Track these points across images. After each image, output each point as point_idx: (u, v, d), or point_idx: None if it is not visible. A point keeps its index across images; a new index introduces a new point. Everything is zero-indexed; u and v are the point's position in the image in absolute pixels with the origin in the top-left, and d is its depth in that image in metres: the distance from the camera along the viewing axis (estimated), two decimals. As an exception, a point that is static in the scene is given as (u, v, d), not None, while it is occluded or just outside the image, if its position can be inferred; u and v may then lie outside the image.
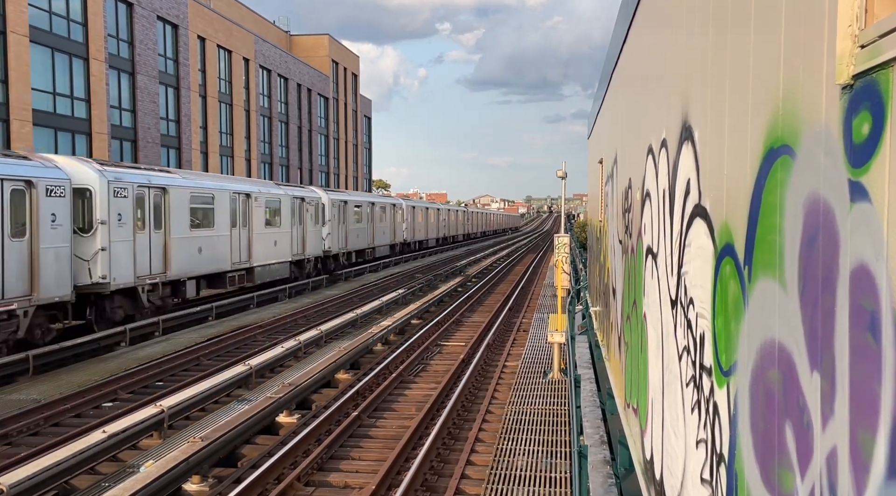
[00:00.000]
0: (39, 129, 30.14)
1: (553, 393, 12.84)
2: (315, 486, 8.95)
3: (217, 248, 23.27)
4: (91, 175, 17.68)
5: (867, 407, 1.42)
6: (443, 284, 30.93)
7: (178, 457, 8.81)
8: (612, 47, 8.24)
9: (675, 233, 3.74)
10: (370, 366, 15.46)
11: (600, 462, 7.59)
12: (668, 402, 3.91)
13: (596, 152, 12.87)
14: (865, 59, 1.46)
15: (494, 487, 8.60)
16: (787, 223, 1.92)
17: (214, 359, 16.38)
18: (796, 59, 1.89)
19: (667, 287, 4.00)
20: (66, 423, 11.61)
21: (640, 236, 5.37)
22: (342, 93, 69.69)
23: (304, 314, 22.51)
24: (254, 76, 50.12)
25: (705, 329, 2.93)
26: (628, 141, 6.78)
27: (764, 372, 2.12)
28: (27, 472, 8.17)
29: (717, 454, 2.72)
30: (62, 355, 15.73)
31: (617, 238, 7.86)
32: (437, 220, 61.47)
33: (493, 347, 17.31)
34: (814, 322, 1.73)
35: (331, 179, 65.70)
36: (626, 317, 6.54)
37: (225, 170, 46.41)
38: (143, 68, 37.50)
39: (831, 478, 1.60)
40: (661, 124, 4.32)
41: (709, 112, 2.98)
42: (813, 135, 1.76)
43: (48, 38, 30.74)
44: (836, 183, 1.59)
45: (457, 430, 11.06)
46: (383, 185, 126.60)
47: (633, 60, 6.41)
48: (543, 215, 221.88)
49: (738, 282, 2.41)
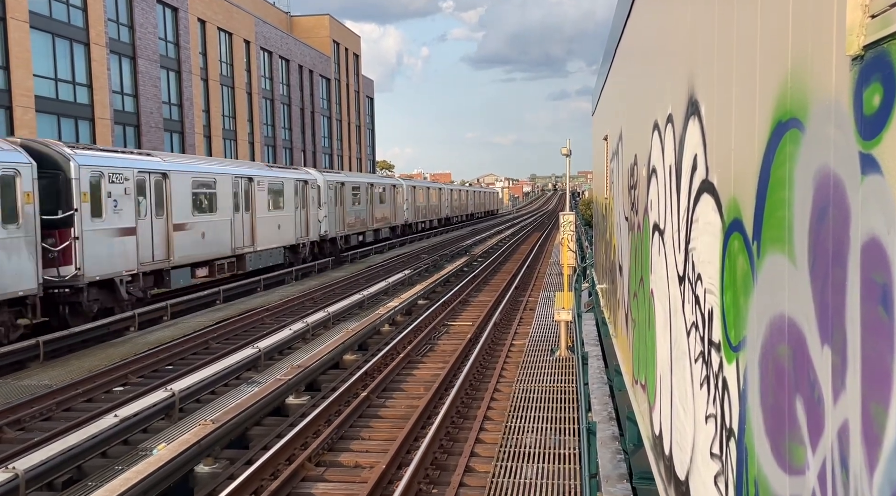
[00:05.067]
0: (42, 115, 30.11)
1: (561, 370, 12.89)
2: (326, 467, 9.03)
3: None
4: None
5: (879, 380, 1.41)
6: (449, 264, 30.95)
7: (190, 439, 8.89)
8: (616, 21, 8.15)
9: (682, 209, 3.72)
10: (378, 347, 15.53)
11: (609, 438, 7.63)
12: (677, 378, 3.92)
13: (601, 129, 12.79)
14: (876, 29, 1.44)
15: (504, 464, 8.66)
16: (797, 197, 1.91)
17: (223, 342, 16.46)
18: (805, 30, 1.86)
19: (674, 263, 3.98)
20: (77, 408, 11.71)
21: (647, 213, 5.35)
22: (344, 74, 69.34)
23: (310, 296, 22.58)
24: (255, 58, 49.88)
25: (714, 305, 2.92)
26: (633, 117, 6.73)
27: (774, 347, 2.11)
28: (41, 457, 8.27)
29: (727, 429, 2.72)
30: (72, 341, 15.84)
31: (623, 215, 7.83)
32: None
33: (500, 326, 17.35)
34: (824, 296, 1.72)
35: (334, 161, 65.58)
36: (633, 293, 6.54)
37: (228, 153, 46.37)
38: (144, 52, 37.34)
39: (843, 452, 1.60)
40: (666, 99, 4.28)
41: (715, 86, 2.94)
42: (822, 107, 1.74)
43: (48, 23, 30.60)
44: (847, 156, 1.57)
45: (465, 409, 11.12)
46: (387, 165, 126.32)
47: (637, 34, 6.34)
48: (548, 193, 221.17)
49: (747, 258, 2.40)
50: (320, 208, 31.87)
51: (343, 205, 35.22)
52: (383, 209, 42.98)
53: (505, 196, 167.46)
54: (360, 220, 38.23)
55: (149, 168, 19.75)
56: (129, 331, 17.58)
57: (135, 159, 19.71)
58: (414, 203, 51.55)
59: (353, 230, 36.79)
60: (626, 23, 7.11)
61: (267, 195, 26.74)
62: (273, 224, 27.17)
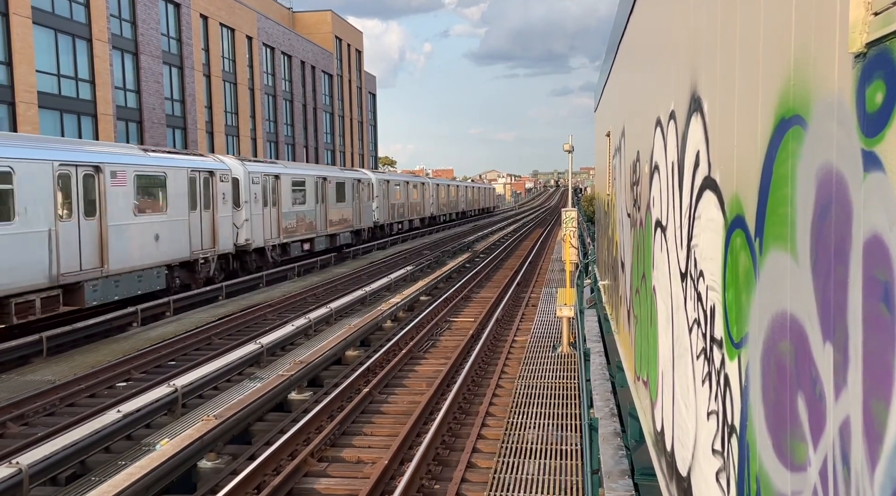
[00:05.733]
0: (45, 111, 30.13)
1: (562, 367, 12.89)
2: (328, 462, 9.05)
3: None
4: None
5: (881, 377, 1.42)
6: (451, 260, 30.97)
7: (193, 435, 8.92)
8: (619, 18, 8.14)
9: (684, 205, 3.72)
10: (380, 343, 15.55)
11: (611, 434, 7.64)
12: (679, 375, 3.92)
13: (603, 125, 12.78)
14: (879, 26, 1.44)
15: (506, 460, 8.68)
16: (799, 194, 1.91)
17: (226, 338, 16.50)
18: (808, 27, 1.86)
19: (676, 260, 3.99)
20: (81, 403, 11.74)
21: (649, 209, 5.35)
22: (346, 69, 69.29)
23: (313, 292, 22.60)
24: (257, 54, 49.86)
25: (716, 301, 2.93)
26: (636, 113, 6.73)
27: (776, 343, 2.12)
28: (44, 452, 8.29)
29: (729, 425, 2.73)
30: (75, 336, 15.88)
31: (625, 211, 7.83)
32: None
33: (502, 322, 17.36)
34: (826, 293, 1.72)
35: (336, 157, 65.57)
36: (636, 290, 6.54)
37: (231, 149, 46.38)
38: (147, 48, 37.33)
39: (844, 448, 1.60)
40: (669, 96, 4.28)
41: (718, 83, 2.94)
42: (825, 104, 1.74)
43: (51, 19, 30.60)
44: (850, 153, 1.58)
45: (467, 405, 11.13)
46: (389, 162, 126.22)
47: (640, 31, 6.34)
48: (550, 189, 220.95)
49: (749, 255, 2.40)
50: (240, 209, 24.48)
51: (279, 205, 27.45)
52: (341, 210, 33.95)
53: (507, 192, 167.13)
54: (307, 224, 29.97)
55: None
56: (131, 326, 17.61)
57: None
58: (387, 200, 43.28)
59: (292, 237, 28.45)
60: (628, 19, 7.10)
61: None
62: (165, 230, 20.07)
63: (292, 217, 28.50)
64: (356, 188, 36.60)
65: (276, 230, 27.19)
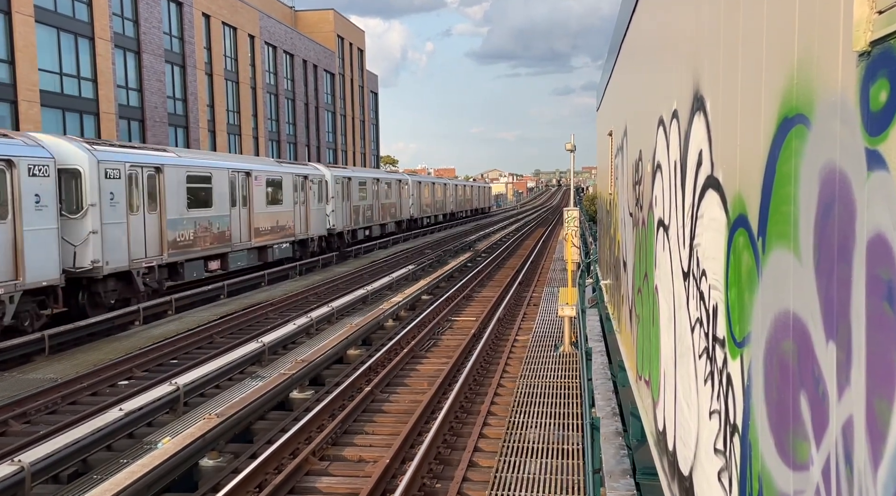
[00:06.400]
0: (47, 109, 30.15)
1: (564, 366, 12.89)
2: (330, 461, 9.06)
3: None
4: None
5: (884, 376, 1.42)
6: (452, 259, 30.97)
7: (195, 433, 8.93)
8: (621, 17, 8.13)
9: (686, 205, 3.72)
10: (382, 342, 15.55)
11: (612, 433, 7.64)
12: (681, 374, 3.92)
13: (605, 125, 12.77)
14: (883, 24, 1.43)
15: (507, 459, 8.68)
16: (802, 193, 1.91)
17: (227, 336, 16.51)
18: (811, 25, 1.86)
19: (679, 259, 3.98)
20: (83, 402, 11.76)
21: (651, 209, 5.34)
22: (348, 68, 69.29)
23: (314, 291, 22.62)
24: (259, 53, 49.87)
25: (718, 300, 2.92)
26: (638, 112, 6.72)
27: (778, 342, 2.11)
28: (47, 450, 8.31)
29: (731, 424, 2.72)
30: (77, 335, 15.90)
31: (627, 211, 7.82)
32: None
33: (503, 322, 17.36)
34: (829, 292, 1.72)
35: (338, 156, 65.59)
36: (638, 289, 6.54)
37: (233, 148, 46.42)
38: (149, 47, 37.36)
39: (847, 448, 1.60)
40: (671, 95, 4.28)
41: (721, 82, 2.94)
42: (829, 103, 1.73)
43: (53, 17, 30.63)
44: (853, 152, 1.57)
45: (469, 404, 11.14)
46: (391, 160, 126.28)
47: (642, 30, 6.33)
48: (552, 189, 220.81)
49: (752, 254, 2.40)
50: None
51: (161, 207, 20.38)
52: (275, 214, 27.27)
53: (509, 191, 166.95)
54: (214, 235, 23.09)
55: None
56: (133, 325, 17.64)
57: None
58: (348, 202, 35.36)
59: (186, 255, 21.40)
60: (630, 18, 7.09)
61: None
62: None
63: (185, 225, 21.44)
64: (301, 187, 29.54)
65: (154, 245, 19.96)
